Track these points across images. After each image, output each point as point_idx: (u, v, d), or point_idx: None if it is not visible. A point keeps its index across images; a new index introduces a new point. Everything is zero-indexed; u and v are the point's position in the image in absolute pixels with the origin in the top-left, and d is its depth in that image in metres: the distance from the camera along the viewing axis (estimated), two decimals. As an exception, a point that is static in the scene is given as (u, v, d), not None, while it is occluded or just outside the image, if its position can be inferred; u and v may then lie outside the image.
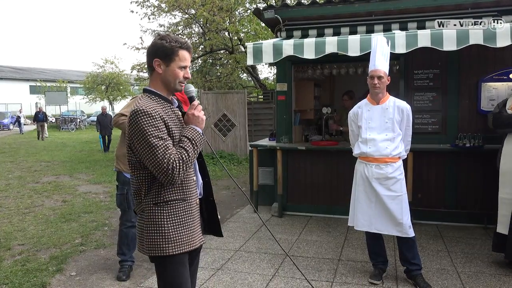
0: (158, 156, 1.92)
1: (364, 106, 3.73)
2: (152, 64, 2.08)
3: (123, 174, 3.89)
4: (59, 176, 10.03)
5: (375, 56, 3.60)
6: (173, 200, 2.06)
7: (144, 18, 20.65)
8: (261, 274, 3.95)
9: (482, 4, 4.99)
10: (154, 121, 1.95)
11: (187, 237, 2.08)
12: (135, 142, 1.96)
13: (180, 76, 2.10)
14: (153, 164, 1.93)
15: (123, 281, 3.87)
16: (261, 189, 6.32)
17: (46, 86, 35.84)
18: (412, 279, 3.67)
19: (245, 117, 11.94)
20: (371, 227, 3.66)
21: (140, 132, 1.93)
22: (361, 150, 3.68)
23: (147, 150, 1.94)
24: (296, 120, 6.46)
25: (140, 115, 1.94)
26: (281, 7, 5.81)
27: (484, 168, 5.21)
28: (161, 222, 2.03)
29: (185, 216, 2.08)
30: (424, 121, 5.55)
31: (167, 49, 2.05)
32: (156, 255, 2.04)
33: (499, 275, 3.81)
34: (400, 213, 3.54)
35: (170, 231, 2.03)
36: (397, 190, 3.57)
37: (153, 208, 2.04)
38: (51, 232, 5.47)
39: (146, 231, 2.05)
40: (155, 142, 1.92)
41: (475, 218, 5.29)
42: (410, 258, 3.62)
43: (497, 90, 5.31)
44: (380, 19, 5.41)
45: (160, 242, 2.03)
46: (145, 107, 1.96)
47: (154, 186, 2.04)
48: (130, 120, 1.96)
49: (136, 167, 2.06)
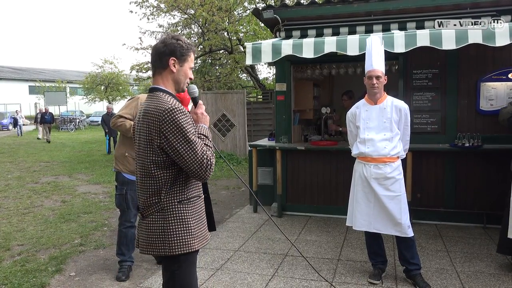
0: (198, 152, 1.98)
1: (362, 106, 3.73)
2: (167, 62, 2.11)
3: (122, 175, 3.89)
4: (58, 177, 10.03)
5: (371, 56, 3.61)
6: (194, 197, 2.15)
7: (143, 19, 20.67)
8: (261, 274, 3.95)
9: (481, 4, 4.99)
10: (188, 119, 2.02)
11: (204, 231, 2.20)
12: (173, 140, 1.97)
13: (190, 76, 2.20)
14: (193, 160, 1.98)
15: (123, 281, 3.86)
16: (260, 189, 6.32)
17: (45, 86, 35.85)
18: (411, 279, 3.67)
19: (244, 117, 11.94)
20: (370, 227, 3.66)
21: (179, 130, 1.97)
22: (359, 150, 3.68)
23: (187, 147, 1.98)
24: (296, 120, 6.47)
25: (176, 112, 1.97)
26: (280, 7, 5.81)
27: (483, 168, 5.22)
28: (187, 219, 2.10)
29: (201, 211, 2.20)
30: (423, 121, 5.55)
31: (183, 49, 2.13)
32: (184, 252, 2.09)
33: (498, 275, 3.81)
34: (399, 213, 3.54)
35: (194, 227, 2.12)
36: (396, 190, 3.57)
37: (177, 206, 2.09)
38: (50, 232, 5.47)
39: (171, 230, 2.08)
40: (194, 139, 1.99)
41: (474, 218, 5.30)
42: (409, 258, 3.63)
43: (496, 90, 5.31)
44: (379, 19, 5.41)
45: (188, 238, 2.09)
46: (178, 105, 2.02)
47: (176, 184, 2.09)
48: (165, 118, 1.97)
49: (160, 167, 2.06)
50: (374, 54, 3.60)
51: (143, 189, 2.14)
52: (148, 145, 2.06)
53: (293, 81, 6.30)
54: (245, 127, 11.98)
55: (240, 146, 11.95)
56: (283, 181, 6.01)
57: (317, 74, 6.96)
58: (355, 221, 3.74)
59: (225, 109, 11.92)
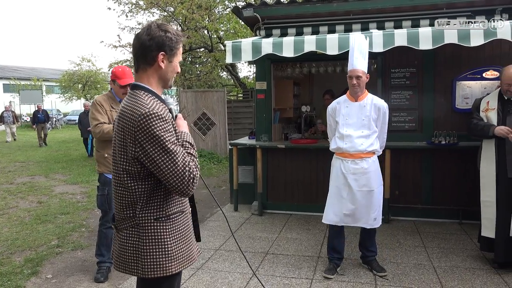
0: (178, 164, 1.72)
1: (342, 102, 3.81)
2: (155, 58, 1.83)
3: (104, 175, 3.83)
4: (34, 177, 9.79)
5: (353, 55, 3.66)
6: (175, 213, 1.88)
7: (121, 16, 20.27)
8: (241, 273, 3.95)
9: (456, 4, 5.09)
10: (167, 125, 1.74)
11: (187, 251, 1.93)
12: (149, 149, 1.71)
13: (178, 71, 1.94)
14: (173, 173, 1.72)
15: (101, 282, 3.80)
16: (241, 187, 6.31)
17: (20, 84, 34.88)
18: (367, 264, 3.91)
19: (225, 116, 11.91)
20: (340, 221, 3.77)
21: (155, 138, 1.70)
22: (337, 145, 3.76)
23: (166, 158, 1.71)
24: (276, 119, 6.48)
25: (153, 119, 1.70)
26: (260, 5, 5.81)
27: (459, 165, 5.34)
28: (164, 238, 1.83)
29: (184, 229, 1.93)
30: (401, 119, 5.64)
31: (173, 42, 1.85)
32: (160, 276, 1.84)
33: (473, 269, 3.91)
34: (372, 208, 3.69)
35: (173, 247, 1.85)
36: (372, 185, 3.69)
37: (153, 223, 1.82)
38: (26, 234, 5.34)
39: (145, 250, 1.82)
40: (174, 148, 1.72)
41: (450, 214, 5.42)
42: (368, 246, 3.86)
43: (471, 88, 5.43)
44: (358, 18, 5.46)
45: (163, 261, 1.83)
46: (155, 109, 1.73)
47: (154, 198, 1.83)
48: (141, 125, 1.71)
49: (135, 178, 1.80)
50: (356, 53, 3.65)
51: (117, 199, 1.88)
52: (122, 152, 1.81)
53: (273, 80, 6.31)
54: (226, 126, 11.95)
55: (220, 145, 11.91)
56: (264, 179, 6.02)
57: (297, 73, 6.99)
58: (326, 214, 3.84)
59: (206, 107, 11.86)
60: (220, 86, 18.76)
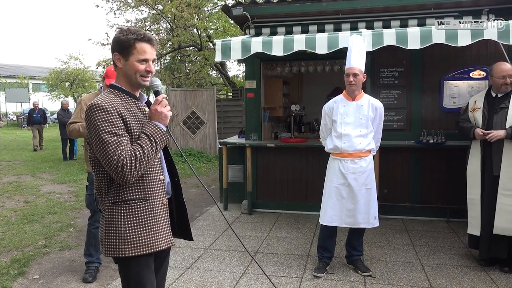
0: (109, 152, 1.87)
1: (339, 101, 3.81)
2: (113, 58, 2.04)
3: (92, 174, 3.79)
4: (20, 176, 9.65)
5: (351, 54, 3.72)
6: (132, 200, 2.00)
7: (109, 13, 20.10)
8: (231, 272, 3.94)
9: (444, 4, 5.14)
10: (108, 116, 1.90)
11: (147, 238, 2.01)
12: (90, 137, 1.93)
13: (140, 70, 2.02)
14: (104, 160, 1.89)
15: (89, 282, 3.77)
16: (230, 186, 6.30)
17: (6, 82, 34.35)
18: (352, 264, 3.92)
19: (214, 115, 11.87)
20: (341, 222, 3.76)
21: (93, 128, 1.90)
22: (335, 144, 3.75)
23: (99, 146, 1.89)
24: (265, 118, 6.48)
25: (94, 109, 1.90)
26: (249, 4, 5.80)
27: (447, 164, 5.40)
28: (118, 222, 1.98)
29: (146, 216, 2.02)
30: (390, 118, 5.68)
31: (123, 42, 2.00)
32: (113, 256, 2.01)
33: (461, 267, 3.96)
34: (371, 205, 3.72)
35: (128, 231, 1.98)
36: (370, 183, 3.73)
37: (111, 207, 2.00)
38: (12, 234, 5.26)
39: (104, 231, 2.01)
40: (107, 138, 1.88)
41: (438, 212, 5.47)
42: (356, 245, 3.89)
43: (458, 88, 5.50)
44: (347, 18, 5.48)
45: (116, 243, 1.98)
46: (101, 101, 1.92)
47: (114, 184, 2.00)
48: (86, 115, 1.93)
49: (96, 164, 2.03)
50: (354, 53, 3.70)
51: (94, 186, 2.13)
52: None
53: (263, 79, 6.31)
54: (215, 125, 11.92)
55: (210, 144, 11.88)
56: (253, 178, 6.02)
57: (286, 72, 7.00)
58: (325, 216, 3.80)
59: (195, 106, 11.81)
60: (210, 84, 18.71)
